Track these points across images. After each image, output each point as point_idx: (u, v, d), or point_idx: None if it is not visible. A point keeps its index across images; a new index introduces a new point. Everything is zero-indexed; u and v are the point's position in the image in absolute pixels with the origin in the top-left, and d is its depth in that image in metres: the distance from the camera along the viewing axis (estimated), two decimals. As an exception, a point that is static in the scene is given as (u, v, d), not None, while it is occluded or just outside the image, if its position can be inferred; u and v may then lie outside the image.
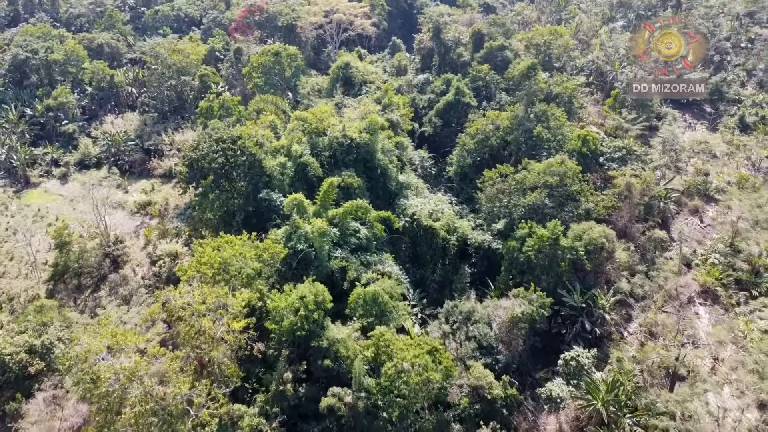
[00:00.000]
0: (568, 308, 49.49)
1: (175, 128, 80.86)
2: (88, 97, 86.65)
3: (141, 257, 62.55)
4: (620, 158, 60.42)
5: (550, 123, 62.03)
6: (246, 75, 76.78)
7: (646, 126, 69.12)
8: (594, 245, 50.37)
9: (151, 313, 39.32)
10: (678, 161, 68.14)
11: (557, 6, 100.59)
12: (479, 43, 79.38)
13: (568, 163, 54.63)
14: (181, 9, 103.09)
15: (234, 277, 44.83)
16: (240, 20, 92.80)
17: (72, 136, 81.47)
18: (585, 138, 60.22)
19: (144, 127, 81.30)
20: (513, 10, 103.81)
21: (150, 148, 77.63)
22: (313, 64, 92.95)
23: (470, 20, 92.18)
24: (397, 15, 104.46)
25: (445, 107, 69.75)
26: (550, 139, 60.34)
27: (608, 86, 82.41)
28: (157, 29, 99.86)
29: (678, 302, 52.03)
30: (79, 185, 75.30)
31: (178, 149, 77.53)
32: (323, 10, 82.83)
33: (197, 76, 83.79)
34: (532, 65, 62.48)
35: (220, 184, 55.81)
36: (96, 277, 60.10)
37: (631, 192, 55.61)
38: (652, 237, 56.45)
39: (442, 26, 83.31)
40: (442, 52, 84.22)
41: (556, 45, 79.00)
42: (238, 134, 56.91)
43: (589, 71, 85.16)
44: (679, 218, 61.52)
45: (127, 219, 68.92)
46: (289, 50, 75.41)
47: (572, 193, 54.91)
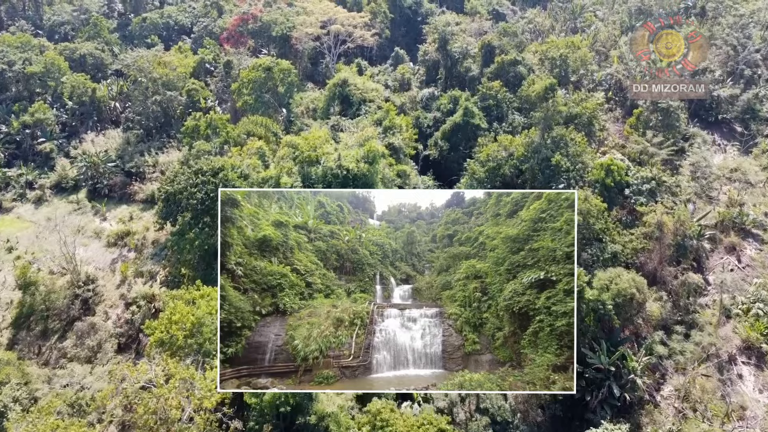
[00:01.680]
0: (594, 370, 43.22)
1: (160, 147, 74.79)
2: (68, 112, 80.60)
3: (115, 297, 56.48)
4: (649, 191, 53.98)
5: (569, 149, 55.70)
6: (235, 91, 70.60)
7: (674, 150, 62.57)
8: (623, 297, 44.09)
9: (103, 398, 33.15)
10: (709, 189, 61.70)
11: (572, 13, 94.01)
12: (489, 56, 73.03)
13: (593, 200, 48.32)
14: (170, 16, 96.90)
15: (208, 340, 38.81)
16: (232, 29, 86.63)
17: (49, 156, 75.44)
18: (609, 167, 53.88)
19: (126, 147, 75.18)
20: (524, 18, 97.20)
21: (131, 170, 71.53)
22: (310, 76, 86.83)
23: (479, 29, 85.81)
24: (400, 23, 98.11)
25: (452, 129, 63.51)
26: (569, 168, 54.01)
27: (629, 102, 75.88)
28: (144, 38, 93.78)
29: (717, 360, 45.72)
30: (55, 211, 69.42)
31: (162, 171, 71.48)
32: (320, 21, 76.39)
33: (184, 91, 77.69)
34: (550, 86, 56.09)
35: (200, 220, 49.82)
36: (65, 320, 54.05)
37: (662, 232, 49.25)
38: (686, 282, 50.07)
39: (449, 37, 76.97)
40: (449, 64, 77.90)
41: (573, 58, 72.59)
42: (221, 165, 50.84)
43: (608, 85, 78.69)
44: (714, 257, 55.11)
45: (103, 251, 62.81)
46: (282, 65, 69.19)
47: (597, 232, 48.65)
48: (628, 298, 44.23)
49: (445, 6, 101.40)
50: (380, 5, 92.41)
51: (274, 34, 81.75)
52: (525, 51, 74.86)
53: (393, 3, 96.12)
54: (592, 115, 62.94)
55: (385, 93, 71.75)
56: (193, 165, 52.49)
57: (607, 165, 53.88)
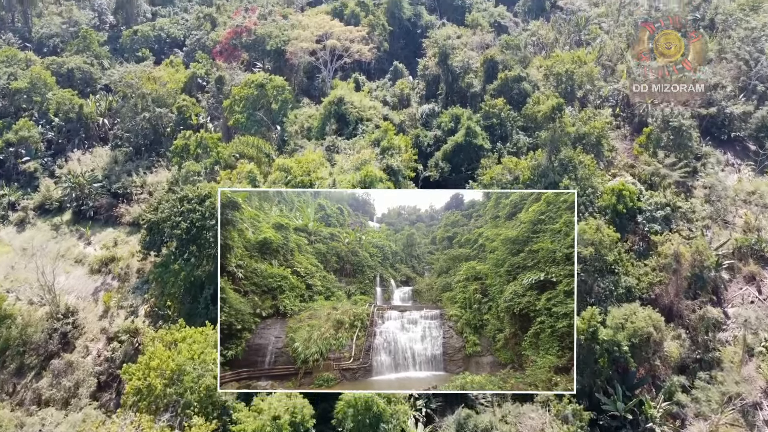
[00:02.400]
0: (609, 417, 39.94)
1: (149, 167, 71.71)
2: (54, 129, 77.52)
3: (96, 330, 53.21)
4: (663, 218, 50.84)
5: (578, 172, 52.60)
6: (227, 108, 67.56)
7: (687, 172, 59.46)
8: (639, 336, 40.88)
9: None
10: (725, 212, 58.56)
11: (576, 26, 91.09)
12: (492, 72, 70.00)
13: (605, 230, 45.17)
14: (162, 29, 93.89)
15: (190, 389, 35.58)
16: (225, 42, 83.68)
17: (33, 176, 72.31)
18: (620, 192, 50.75)
19: (114, 166, 72.07)
20: (527, 30, 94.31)
21: (118, 191, 68.37)
22: (305, 90, 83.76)
23: (481, 42, 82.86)
24: (399, 35, 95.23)
25: (453, 150, 60.42)
26: (578, 193, 50.83)
27: (637, 119, 72.91)
28: (135, 51, 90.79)
29: (741, 403, 42.44)
30: (38, 234, 66.31)
31: (150, 192, 68.35)
32: (315, 35, 73.29)
33: (175, 108, 74.65)
34: (557, 105, 53.06)
35: (185, 251, 46.64)
36: (42, 355, 50.82)
37: (679, 263, 46.06)
38: (705, 317, 46.82)
39: (449, 51, 73.99)
40: (450, 80, 74.86)
41: (579, 74, 69.57)
42: (207, 191, 47.68)
43: (615, 101, 75.68)
44: (733, 287, 51.86)
45: (86, 278, 59.57)
46: (276, 81, 66.19)
47: (610, 264, 45.49)
48: (645, 337, 41.02)
49: (445, 18, 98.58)
50: (378, 18, 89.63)
51: (268, 48, 78.82)
52: (529, 66, 71.82)
53: (392, 15, 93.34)
54: (600, 134, 59.86)
55: (383, 110, 68.70)
56: (178, 191, 49.35)
57: (619, 190, 50.76)
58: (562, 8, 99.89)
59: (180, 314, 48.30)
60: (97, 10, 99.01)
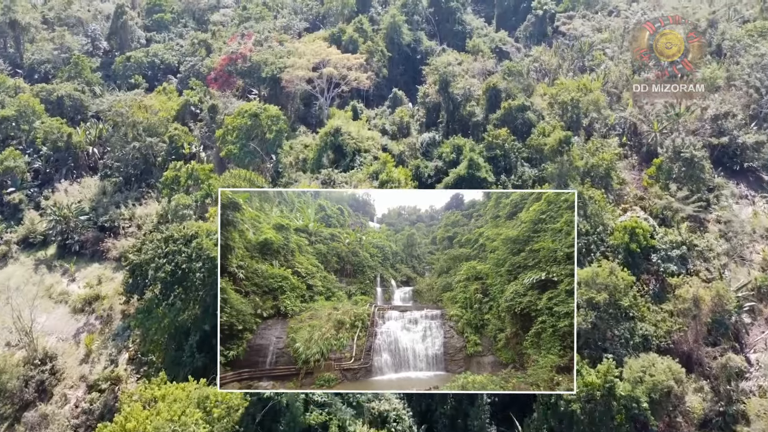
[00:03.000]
0: (628, 482, 36.62)
1: (138, 198, 68.97)
2: (42, 158, 74.89)
3: (76, 376, 49.97)
4: (679, 257, 47.88)
5: (588, 209, 49.77)
6: (219, 138, 64.99)
7: (700, 206, 56.68)
8: (659, 391, 37.69)
9: None
10: (742, 248, 55.66)
11: (579, 52, 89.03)
12: (495, 100, 67.61)
13: (620, 273, 42.21)
14: (156, 55, 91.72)
15: (169, 456, 32.31)
16: (220, 69, 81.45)
17: (18, 207, 69.51)
18: (633, 230, 47.86)
19: (102, 197, 69.26)
20: (529, 56, 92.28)
21: (105, 224, 65.47)
22: (302, 118, 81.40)
23: (482, 69, 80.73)
24: (398, 61, 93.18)
25: (455, 182, 57.65)
26: (589, 230, 48.00)
27: (645, 148, 70.29)
28: (128, 78, 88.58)
29: (770, 462, 39.10)
30: (21, 269, 63.33)
31: (138, 226, 65.49)
32: (312, 63, 70.90)
33: (167, 136, 72.14)
34: (565, 138, 50.42)
35: (170, 294, 43.57)
36: (17, 404, 47.58)
37: (699, 308, 43.00)
38: (727, 365, 43.62)
39: (450, 78, 71.72)
40: (451, 108, 72.49)
41: (585, 101, 67.15)
42: (194, 231, 44.76)
43: (622, 130, 73.13)
44: (754, 331, 48.73)
45: (68, 318, 56.43)
46: (270, 111, 63.70)
47: (624, 309, 42.44)
48: (665, 391, 37.83)
49: (445, 44, 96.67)
50: (377, 44, 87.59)
51: (263, 76, 76.55)
52: (533, 94, 69.41)
53: (391, 41, 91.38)
54: (609, 166, 57.17)
55: (382, 140, 66.24)
56: (163, 230, 46.49)
57: (632, 228, 47.86)
58: (564, 33, 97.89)
59: (164, 362, 45.29)
60: (90, 36, 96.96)
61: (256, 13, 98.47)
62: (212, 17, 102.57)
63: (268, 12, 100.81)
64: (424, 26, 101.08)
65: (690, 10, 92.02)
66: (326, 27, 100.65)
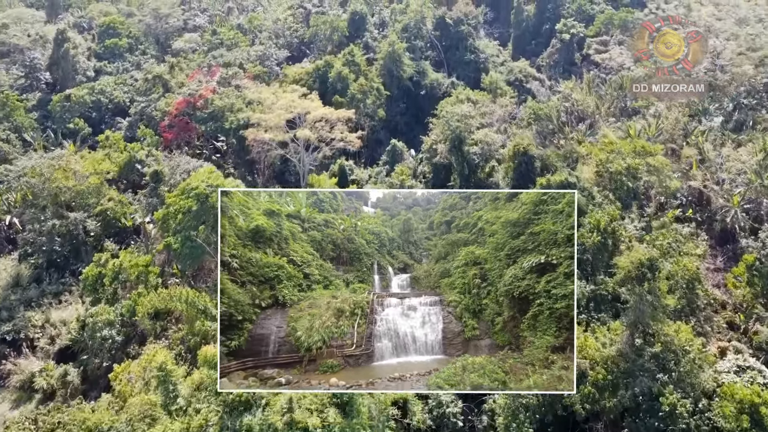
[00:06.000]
0: None
1: (57, 293, 52.92)
2: (-58, 233, 58.68)
3: None
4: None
5: (680, 367, 33.23)
6: (159, 222, 48.76)
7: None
8: None
9: None
10: None
11: (620, 89, 72.13)
12: (526, 169, 51.27)
13: None
14: (103, 92, 74.54)
15: None
16: (175, 114, 65.05)
17: None
18: (753, 408, 31.26)
19: (9, 293, 53.08)
20: (557, 91, 75.74)
21: (6, 337, 49.24)
22: (278, 175, 65.22)
23: (504, 115, 64.58)
24: (398, 97, 76.83)
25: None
26: (688, 410, 31.46)
27: (719, 225, 53.78)
28: (66, 122, 72.07)
29: None
30: None
31: (52, 338, 49.44)
32: (285, 120, 53.73)
33: (99, 210, 55.94)
34: (651, 262, 33.97)
35: None
36: None
37: None
38: None
39: (464, 135, 55.56)
40: (465, 171, 56.40)
41: (644, 172, 50.84)
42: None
43: (684, 200, 56.46)
44: None
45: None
46: (227, 185, 47.40)
47: None
48: None
49: (455, 76, 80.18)
50: (372, 80, 71.13)
51: (226, 127, 60.15)
52: (578, 163, 52.83)
53: (389, 74, 74.98)
54: (693, 276, 40.70)
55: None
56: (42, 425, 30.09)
57: (750, 403, 31.31)
58: (597, 64, 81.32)
59: None
60: (28, 66, 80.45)
61: (228, 39, 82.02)
62: (174, 44, 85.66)
63: (242, 37, 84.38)
64: (428, 53, 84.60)
65: (754, 37, 75.48)
66: (313, 54, 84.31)
